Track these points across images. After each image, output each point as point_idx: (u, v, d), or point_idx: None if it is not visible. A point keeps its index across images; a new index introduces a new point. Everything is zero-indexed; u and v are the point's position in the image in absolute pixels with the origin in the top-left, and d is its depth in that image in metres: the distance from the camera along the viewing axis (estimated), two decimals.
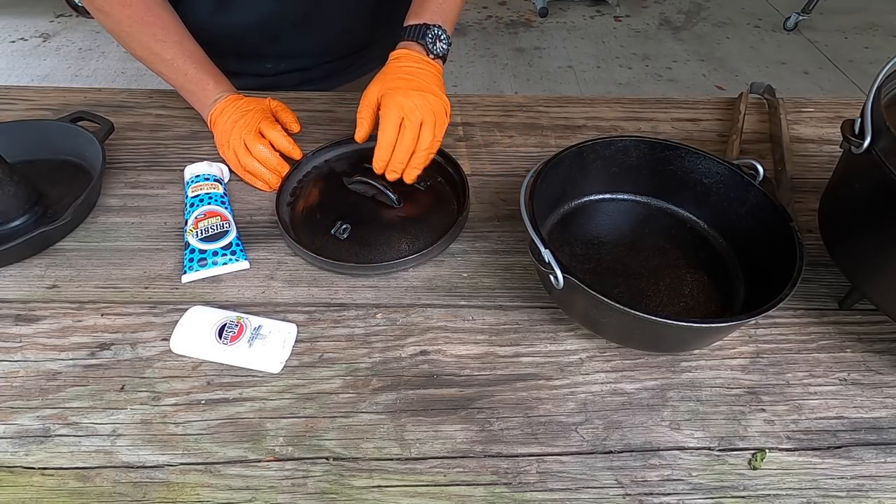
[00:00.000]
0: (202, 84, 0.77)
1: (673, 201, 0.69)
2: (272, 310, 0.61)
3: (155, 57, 0.76)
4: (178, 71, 0.76)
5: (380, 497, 0.48)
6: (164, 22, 0.76)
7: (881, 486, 0.49)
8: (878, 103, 0.52)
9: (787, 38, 3.18)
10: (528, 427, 0.52)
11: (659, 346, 0.56)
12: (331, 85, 0.96)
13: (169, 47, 0.76)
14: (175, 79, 0.78)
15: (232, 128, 0.74)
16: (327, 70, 0.94)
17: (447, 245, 0.67)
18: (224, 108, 0.76)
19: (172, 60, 0.76)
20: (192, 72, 0.77)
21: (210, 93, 0.77)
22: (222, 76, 0.79)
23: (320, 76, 0.94)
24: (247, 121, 0.74)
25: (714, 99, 0.92)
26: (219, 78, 0.78)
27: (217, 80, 0.78)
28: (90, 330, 0.58)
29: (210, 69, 0.78)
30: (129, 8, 0.74)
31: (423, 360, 0.57)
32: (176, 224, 0.70)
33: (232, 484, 0.48)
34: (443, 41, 0.74)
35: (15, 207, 0.67)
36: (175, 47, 0.76)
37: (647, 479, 0.49)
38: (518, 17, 3.41)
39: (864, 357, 0.58)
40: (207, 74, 0.78)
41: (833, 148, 0.83)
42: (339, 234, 0.68)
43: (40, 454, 0.49)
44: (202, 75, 0.77)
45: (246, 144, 0.73)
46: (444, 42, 0.74)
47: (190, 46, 0.78)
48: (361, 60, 0.97)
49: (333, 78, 0.96)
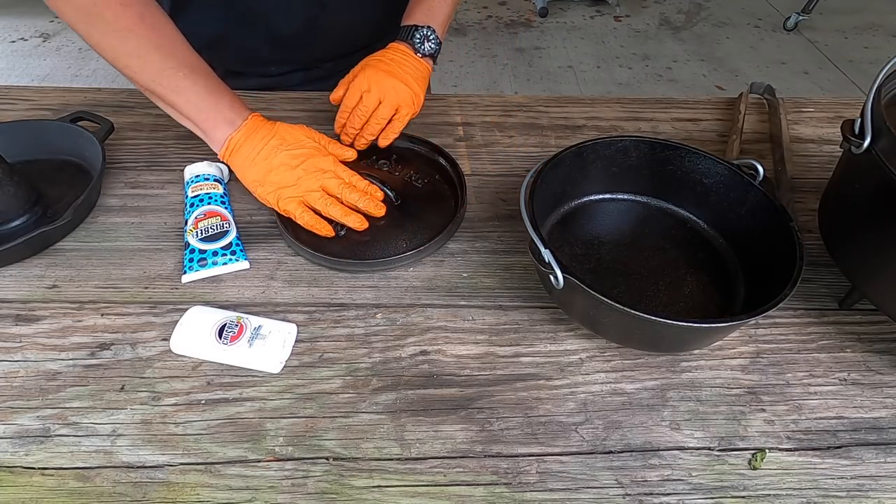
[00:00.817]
0: (213, 98, 0.66)
1: (673, 201, 0.69)
2: (272, 310, 0.61)
3: (152, 64, 0.64)
4: (183, 80, 0.65)
5: (380, 497, 0.48)
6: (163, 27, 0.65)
7: (881, 486, 0.49)
8: (878, 103, 0.52)
9: (787, 38, 3.18)
10: (528, 427, 0.52)
11: (659, 346, 0.56)
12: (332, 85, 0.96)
13: (170, 54, 0.65)
14: (175, 88, 0.65)
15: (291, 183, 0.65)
16: (329, 69, 0.94)
17: (445, 242, 0.68)
18: (255, 138, 0.65)
19: (176, 69, 0.65)
20: (199, 82, 0.66)
21: (224, 110, 0.67)
22: (233, 93, 0.69)
23: (322, 76, 0.94)
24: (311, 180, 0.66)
25: (714, 99, 0.92)
26: (231, 93, 0.69)
27: (231, 95, 0.68)
28: (90, 330, 0.58)
29: (219, 81, 0.68)
30: (129, 8, 0.62)
31: (423, 360, 0.57)
32: (176, 224, 0.70)
33: (232, 484, 0.48)
34: (431, 41, 0.77)
35: (15, 207, 0.67)
36: (177, 55, 0.65)
37: (647, 479, 0.49)
38: (518, 17, 3.41)
39: (864, 357, 0.58)
40: (218, 86, 0.67)
41: (833, 148, 0.83)
42: (337, 231, 0.68)
43: (40, 454, 0.49)
44: (212, 86, 0.67)
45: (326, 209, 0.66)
46: (433, 42, 0.78)
47: (193, 56, 0.67)
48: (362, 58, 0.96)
49: (335, 77, 0.95)
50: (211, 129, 0.67)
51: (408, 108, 0.75)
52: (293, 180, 0.65)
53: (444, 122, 0.86)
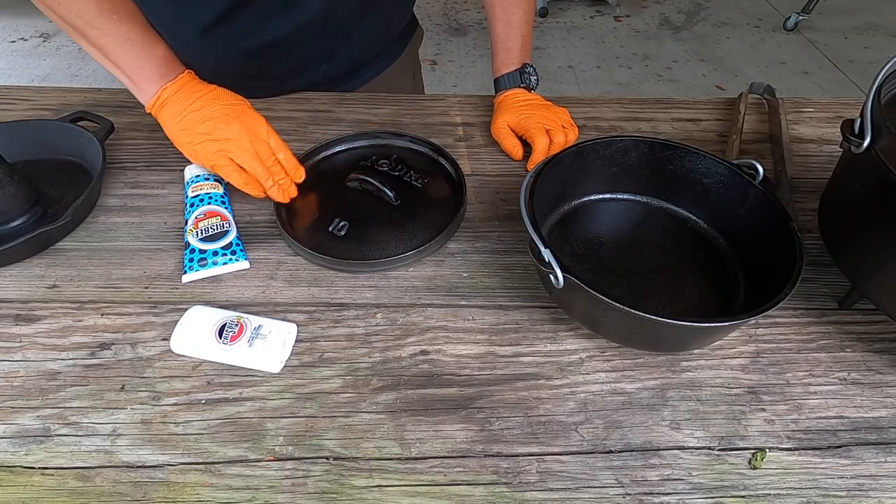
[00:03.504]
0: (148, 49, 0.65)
1: (673, 201, 0.69)
2: (272, 310, 0.61)
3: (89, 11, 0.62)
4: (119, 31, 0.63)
5: (380, 497, 0.48)
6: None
7: (881, 486, 0.49)
8: (878, 103, 0.52)
9: (787, 38, 3.18)
10: (528, 427, 0.52)
11: (659, 345, 0.56)
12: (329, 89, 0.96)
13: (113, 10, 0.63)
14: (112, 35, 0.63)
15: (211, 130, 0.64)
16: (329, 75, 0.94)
17: (445, 242, 0.68)
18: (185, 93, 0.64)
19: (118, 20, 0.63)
20: (135, 34, 0.64)
21: (158, 61, 0.65)
22: (170, 48, 0.67)
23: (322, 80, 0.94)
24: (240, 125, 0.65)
25: (714, 99, 0.92)
26: (167, 47, 0.67)
27: (166, 50, 0.66)
28: (90, 330, 0.58)
29: (157, 36, 0.67)
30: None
31: (424, 360, 0.57)
32: (176, 224, 0.70)
33: (232, 484, 0.48)
34: (533, 75, 0.84)
35: (15, 207, 0.67)
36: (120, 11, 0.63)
37: (647, 479, 0.49)
38: None
39: (864, 357, 0.58)
40: (155, 40, 0.66)
41: (833, 148, 0.83)
42: (336, 231, 0.68)
43: (40, 454, 0.49)
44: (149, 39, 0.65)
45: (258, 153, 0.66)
46: (534, 75, 0.84)
47: (135, 11, 0.65)
48: (364, 69, 0.96)
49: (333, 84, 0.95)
50: (143, 81, 0.66)
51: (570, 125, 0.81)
52: (224, 135, 0.64)
53: (444, 122, 0.86)
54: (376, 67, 0.96)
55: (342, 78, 0.93)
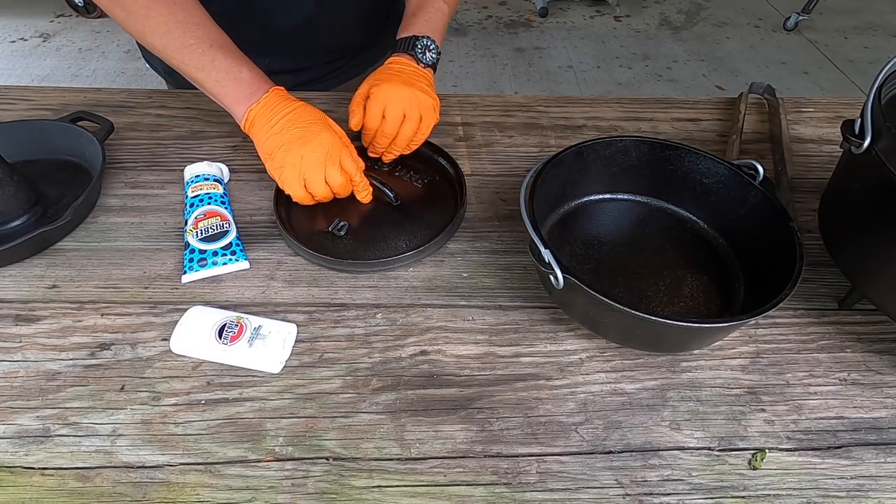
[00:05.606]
0: (233, 72, 0.67)
1: (673, 201, 0.69)
2: (272, 310, 0.61)
3: (174, 41, 0.66)
4: (204, 57, 0.66)
5: (380, 497, 0.48)
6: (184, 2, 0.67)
7: (881, 486, 0.49)
8: (878, 103, 0.52)
9: (787, 38, 3.18)
10: (528, 427, 0.52)
11: (659, 346, 0.56)
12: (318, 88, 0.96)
13: (191, 30, 0.66)
14: (198, 65, 0.67)
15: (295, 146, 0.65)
16: (316, 73, 0.94)
17: (445, 242, 0.68)
18: (268, 115, 0.66)
19: (196, 45, 0.66)
20: (220, 58, 0.66)
21: (244, 84, 0.67)
22: (256, 67, 0.69)
23: (311, 79, 0.94)
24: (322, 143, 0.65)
25: (714, 99, 0.92)
26: (252, 67, 0.69)
27: (251, 70, 0.68)
28: (90, 330, 0.58)
29: (242, 56, 0.69)
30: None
31: (423, 360, 0.57)
32: (176, 224, 0.70)
33: (232, 484, 0.48)
34: (432, 51, 0.76)
35: (15, 207, 0.67)
36: (198, 30, 0.66)
37: (647, 479, 0.49)
38: (518, 17, 3.41)
39: (864, 357, 0.58)
40: (239, 61, 0.67)
41: (833, 148, 0.83)
42: (336, 231, 0.68)
43: (40, 454, 0.49)
44: (233, 61, 0.67)
45: (326, 178, 0.66)
46: (434, 52, 0.76)
47: (215, 31, 0.68)
48: (352, 63, 0.97)
49: (323, 81, 0.95)
50: (232, 104, 0.68)
51: (431, 117, 0.73)
52: (297, 160, 0.65)
53: (444, 122, 0.86)
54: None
55: (342, 77, 0.94)
